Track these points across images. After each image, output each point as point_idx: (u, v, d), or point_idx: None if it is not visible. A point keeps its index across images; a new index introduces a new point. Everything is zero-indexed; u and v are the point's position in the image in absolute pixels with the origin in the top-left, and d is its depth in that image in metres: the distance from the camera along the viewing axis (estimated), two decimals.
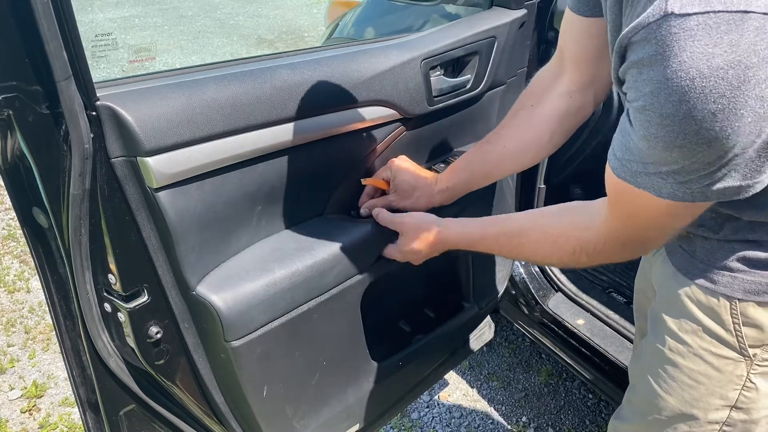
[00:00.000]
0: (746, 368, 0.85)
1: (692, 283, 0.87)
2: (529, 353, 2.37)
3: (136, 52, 1.15)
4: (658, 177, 0.68)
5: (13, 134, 0.80)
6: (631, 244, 0.84)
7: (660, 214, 0.74)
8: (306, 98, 1.06)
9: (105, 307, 0.97)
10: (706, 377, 0.88)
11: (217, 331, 1.02)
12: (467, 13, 1.54)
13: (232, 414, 1.16)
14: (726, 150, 0.61)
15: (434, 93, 1.27)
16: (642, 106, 0.63)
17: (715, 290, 0.84)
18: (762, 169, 0.64)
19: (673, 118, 0.60)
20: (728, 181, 0.65)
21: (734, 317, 0.83)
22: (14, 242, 3.01)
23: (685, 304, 0.88)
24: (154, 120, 0.88)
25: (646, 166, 0.68)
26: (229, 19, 7.45)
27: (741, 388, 0.86)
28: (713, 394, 0.88)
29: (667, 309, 0.92)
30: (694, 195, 0.68)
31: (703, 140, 0.60)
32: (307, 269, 1.10)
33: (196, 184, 0.96)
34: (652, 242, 0.86)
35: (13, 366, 2.29)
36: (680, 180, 0.67)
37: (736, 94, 0.57)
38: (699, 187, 0.66)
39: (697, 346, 0.87)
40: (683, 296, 0.88)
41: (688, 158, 0.63)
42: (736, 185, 0.65)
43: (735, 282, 0.82)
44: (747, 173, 0.64)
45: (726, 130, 0.59)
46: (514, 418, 2.09)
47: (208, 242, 1.02)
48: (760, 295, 0.81)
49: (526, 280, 1.82)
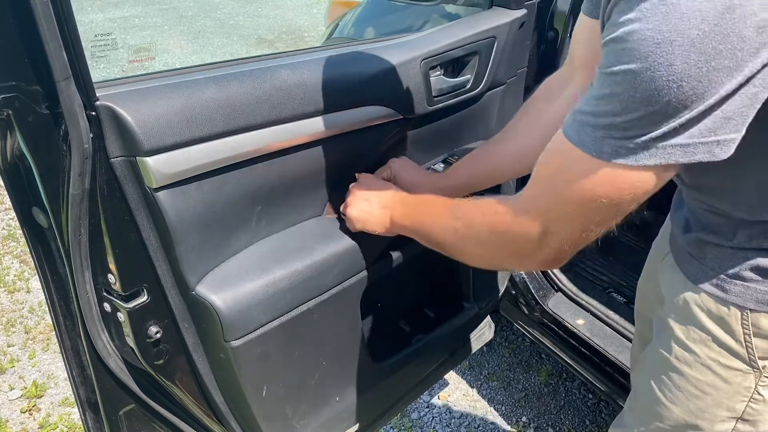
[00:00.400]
0: (755, 380, 0.82)
1: (702, 291, 0.84)
2: (529, 353, 2.37)
3: (136, 52, 1.15)
4: (604, 131, 0.64)
5: (13, 134, 0.80)
6: (540, 226, 0.75)
7: (588, 182, 0.67)
8: (306, 98, 1.06)
9: (105, 307, 0.97)
10: (713, 388, 0.85)
11: (217, 331, 1.02)
12: (467, 13, 1.54)
13: (231, 414, 1.16)
14: (694, 94, 0.58)
15: (434, 93, 1.27)
16: (620, 37, 0.60)
17: (726, 299, 0.81)
18: (721, 129, 0.61)
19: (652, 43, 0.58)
20: (679, 136, 0.61)
21: (745, 328, 0.81)
22: (14, 242, 3.01)
23: (694, 313, 0.85)
24: (153, 120, 0.88)
25: (597, 118, 0.65)
26: (229, 19, 7.45)
27: (749, 400, 0.84)
28: (720, 406, 0.85)
29: (675, 317, 0.89)
30: (637, 150, 0.63)
31: (674, 78, 0.58)
32: (306, 269, 1.10)
33: (195, 184, 0.96)
34: (564, 232, 0.75)
35: (13, 366, 2.29)
36: (628, 133, 0.62)
37: (721, 21, 0.55)
38: (646, 140, 0.62)
39: (705, 356, 0.85)
40: (692, 304, 0.85)
41: (650, 101, 0.60)
42: (684, 143, 0.61)
43: (747, 291, 0.79)
44: (703, 129, 0.61)
45: (701, 68, 0.57)
46: (514, 418, 2.09)
47: (208, 242, 1.02)
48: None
49: (526, 280, 1.82)
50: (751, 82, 0.59)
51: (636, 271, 1.16)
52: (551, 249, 0.77)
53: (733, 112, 0.60)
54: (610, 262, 2.06)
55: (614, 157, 0.64)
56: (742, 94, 0.59)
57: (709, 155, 0.62)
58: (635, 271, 1.16)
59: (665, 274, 0.95)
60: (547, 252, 0.78)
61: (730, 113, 0.60)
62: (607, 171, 0.65)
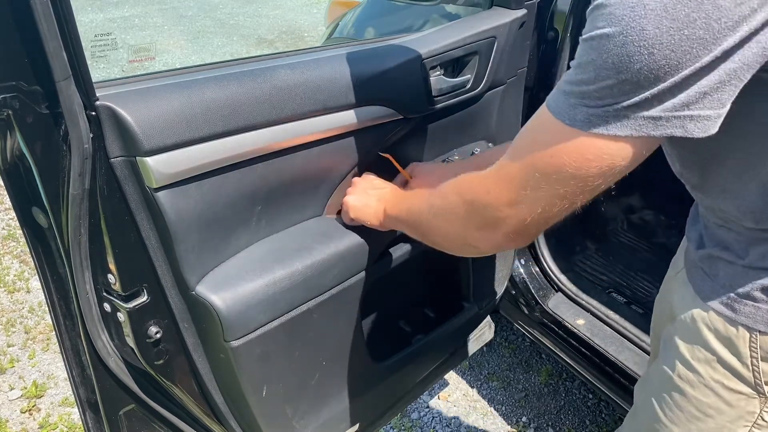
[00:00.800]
0: (759, 405, 0.79)
1: (711, 309, 0.80)
2: (529, 353, 2.37)
3: (136, 52, 1.15)
4: (578, 98, 0.63)
5: (13, 134, 0.80)
6: (507, 193, 0.75)
7: (558, 149, 0.66)
8: (306, 98, 1.06)
9: (104, 307, 0.97)
10: (715, 410, 0.82)
11: (217, 331, 1.02)
12: (467, 13, 1.54)
13: (231, 414, 1.16)
14: (666, 64, 0.56)
15: (434, 93, 1.27)
16: (600, 3, 0.60)
17: (735, 319, 0.77)
18: (695, 104, 0.59)
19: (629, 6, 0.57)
20: (652, 108, 0.59)
21: (753, 350, 0.77)
22: (14, 242, 3.01)
23: (700, 331, 0.82)
24: (153, 120, 0.88)
25: (572, 86, 0.64)
26: (229, 19, 7.45)
27: (752, 426, 0.81)
28: (721, 429, 0.83)
29: (681, 334, 0.86)
30: (608, 119, 0.62)
31: (645, 44, 0.56)
32: (306, 269, 1.10)
33: (195, 184, 0.96)
34: (528, 202, 0.73)
35: (13, 366, 2.29)
36: (600, 102, 0.61)
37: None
38: (617, 109, 0.61)
39: (708, 377, 0.82)
40: (700, 322, 0.82)
41: (621, 68, 0.58)
42: (655, 115, 0.60)
43: (758, 313, 0.76)
44: (677, 103, 0.59)
45: (673, 35, 0.55)
46: (514, 418, 2.09)
47: (208, 242, 1.02)
48: None
49: (526, 280, 1.82)
50: (731, 58, 0.57)
51: (636, 271, 1.16)
52: (515, 221, 0.76)
53: (710, 87, 0.58)
54: (610, 262, 2.07)
55: (585, 125, 0.63)
56: (720, 70, 0.58)
57: (682, 130, 0.60)
58: (635, 271, 1.16)
59: (677, 291, 0.92)
60: (512, 224, 0.77)
61: (706, 88, 0.58)
62: (577, 139, 0.64)
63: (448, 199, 0.89)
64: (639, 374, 1.57)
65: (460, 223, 0.86)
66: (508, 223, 0.77)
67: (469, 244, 0.88)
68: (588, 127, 0.63)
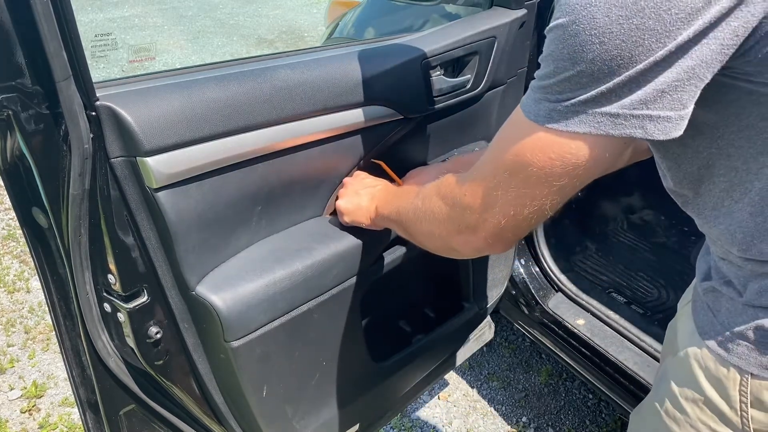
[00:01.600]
0: None
1: (705, 346, 0.76)
2: (529, 353, 2.37)
3: (136, 52, 1.15)
4: (541, 93, 0.63)
5: (13, 134, 0.80)
6: (481, 194, 0.74)
7: (522, 145, 0.66)
8: (306, 98, 1.06)
9: (105, 308, 0.97)
10: None
11: (217, 331, 1.02)
12: (467, 13, 1.54)
13: (231, 414, 1.16)
14: (618, 55, 0.56)
15: (434, 93, 1.27)
16: None
17: (727, 359, 0.73)
18: (654, 103, 0.58)
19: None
20: (609, 104, 0.59)
21: (743, 395, 0.73)
22: (14, 242, 3.01)
23: (692, 369, 0.78)
24: (153, 120, 0.88)
25: (538, 81, 0.64)
26: (229, 19, 7.45)
27: None
28: None
29: (674, 369, 0.84)
30: (568, 115, 0.61)
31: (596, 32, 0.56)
32: (307, 269, 1.10)
33: (195, 184, 0.96)
34: (500, 204, 0.72)
35: (13, 366, 2.29)
36: (560, 96, 0.61)
37: None
38: (575, 103, 0.60)
39: (695, 417, 0.79)
40: (692, 359, 0.78)
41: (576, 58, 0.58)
42: (613, 112, 0.59)
43: (751, 355, 0.71)
44: (635, 100, 0.58)
45: (622, 24, 0.54)
46: (514, 418, 2.09)
47: (208, 242, 1.02)
48: None
49: (526, 280, 1.82)
50: (687, 54, 0.55)
51: (636, 271, 1.15)
52: (491, 225, 0.75)
53: (667, 85, 0.57)
54: (610, 262, 2.07)
55: (546, 120, 0.63)
56: (678, 67, 0.56)
57: (642, 131, 0.59)
58: (635, 271, 1.16)
59: (682, 323, 0.89)
60: (488, 229, 0.76)
61: (664, 86, 0.57)
62: (540, 135, 0.64)
63: (430, 201, 0.87)
64: (639, 374, 1.57)
65: (441, 225, 0.85)
66: (485, 227, 0.76)
67: (451, 247, 0.87)
68: (548, 122, 0.63)
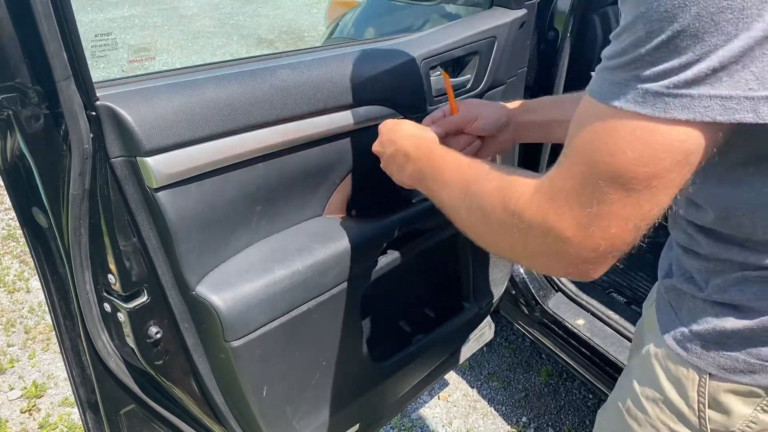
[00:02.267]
0: None
1: (666, 345, 0.75)
2: (529, 353, 2.37)
3: (136, 52, 1.15)
4: (629, 71, 0.53)
5: (13, 134, 0.80)
6: (571, 217, 0.59)
7: (617, 143, 0.54)
8: (306, 98, 1.06)
9: (105, 307, 0.97)
10: None
11: (217, 331, 1.02)
12: (467, 13, 1.54)
13: (231, 414, 1.16)
14: (729, 7, 0.46)
15: (434, 93, 1.27)
16: None
17: (686, 359, 0.71)
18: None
19: None
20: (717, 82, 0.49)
21: (701, 395, 0.71)
22: (14, 242, 3.01)
23: (653, 368, 0.77)
24: (153, 120, 0.88)
25: (621, 58, 0.53)
26: (229, 19, 7.45)
27: None
28: None
29: (636, 368, 0.82)
30: (656, 101, 0.51)
31: None
32: (307, 269, 1.10)
33: (195, 184, 0.96)
34: (603, 221, 0.58)
35: (13, 366, 2.29)
36: (656, 69, 0.51)
37: None
38: (677, 82, 0.50)
39: (655, 417, 0.77)
40: (653, 358, 0.77)
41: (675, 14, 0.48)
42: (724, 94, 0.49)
43: (709, 355, 0.69)
44: (750, 78, 0.48)
45: None
46: (514, 418, 2.09)
47: (208, 242, 1.02)
48: (735, 374, 0.68)
49: (526, 280, 1.82)
50: None
51: (636, 271, 1.15)
52: (588, 248, 0.60)
53: None
54: None
55: (640, 105, 0.52)
56: None
57: (754, 115, 0.49)
58: (635, 271, 1.16)
59: (647, 322, 0.86)
60: (583, 254, 0.61)
61: None
62: (633, 123, 0.53)
63: (493, 211, 0.69)
64: None
65: (515, 244, 0.69)
66: (580, 253, 0.61)
67: (532, 266, 0.76)
68: (642, 107, 0.52)
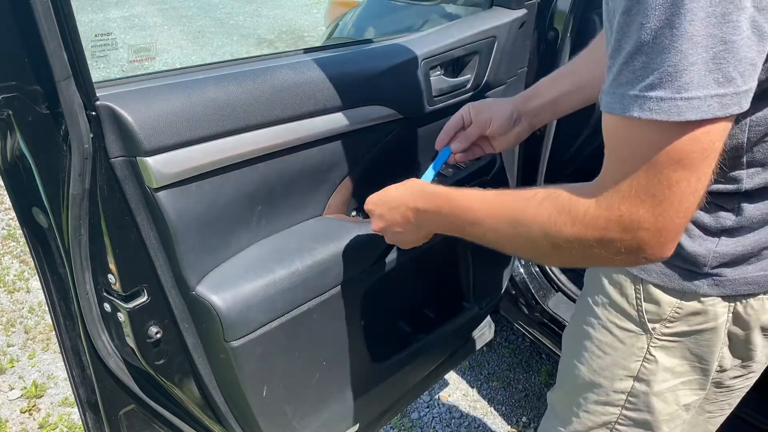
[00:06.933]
0: (647, 341, 0.88)
1: None
2: (529, 353, 2.37)
3: (136, 52, 1.15)
4: (638, 77, 0.59)
5: (13, 134, 0.80)
6: (637, 199, 0.64)
7: (649, 149, 0.60)
8: (306, 98, 1.06)
9: (105, 307, 0.97)
10: (611, 348, 0.92)
11: (217, 331, 1.02)
12: (467, 13, 1.54)
13: (231, 414, 1.16)
14: None
15: (434, 93, 1.27)
16: None
17: (623, 268, 0.87)
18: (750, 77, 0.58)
19: None
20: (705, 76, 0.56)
21: (637, 293, 0.87)
22: (14, 242, 3.01)
23: (600, 279, 0.92)
24: (153, 120, 0.88)
25: (628, 65, 0.59)
26: (229, 19, 7.45)
27: (642, 360, 0.90)
28: (617, 365, 0.92)
29: (587, 286, 0.97)
30: (670, 108, 0.57)
31: None
32: (307, 269, 1.10)
33: (195, 184, 0.96)
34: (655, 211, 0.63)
35: (13, 366, 2.29)
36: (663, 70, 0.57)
37: None
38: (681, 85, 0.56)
39: (605, 318, 0.92)
40: (600, 272, 0.92)
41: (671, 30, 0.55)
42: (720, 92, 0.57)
43: None
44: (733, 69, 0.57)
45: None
46: (514, 418, 2.09)
47: (208, 242, 1.02)
48: (658, 277, 0.84)
49: (526, 280, 1.82)
50: None
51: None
52: (666, 228, 0.64)
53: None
54: None
55: (653, 112, 0.58)
56: None
57: (738, 108, 0.58)
58: None
59: None
60: (663, 232, 0.64)
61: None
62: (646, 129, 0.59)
63: (550, 225, 0.72)
64: None
65: (584, 251, 0.71)
66: (657, 237, 0.65)
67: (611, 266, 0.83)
68: (658, 114, 0.58)
